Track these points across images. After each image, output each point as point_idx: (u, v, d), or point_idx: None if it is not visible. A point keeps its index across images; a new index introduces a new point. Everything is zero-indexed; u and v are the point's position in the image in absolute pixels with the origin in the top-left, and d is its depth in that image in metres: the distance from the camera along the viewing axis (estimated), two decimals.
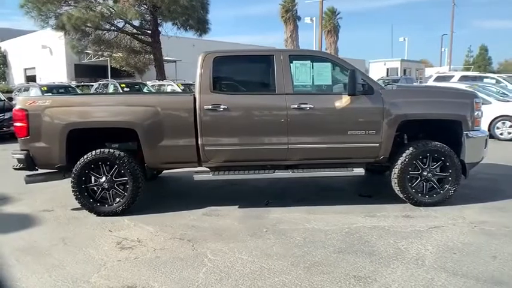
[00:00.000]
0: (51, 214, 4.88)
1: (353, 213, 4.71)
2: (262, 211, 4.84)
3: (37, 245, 3.94)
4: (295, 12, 54.72)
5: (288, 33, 54.82)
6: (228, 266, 3.41)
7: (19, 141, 4.77)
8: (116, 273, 3.33)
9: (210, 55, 4.79)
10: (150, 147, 4.67)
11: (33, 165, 4.78)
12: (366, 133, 4.71)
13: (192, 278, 3.21)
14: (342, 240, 3.93)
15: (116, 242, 3.98)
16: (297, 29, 55.06)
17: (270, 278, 3.19)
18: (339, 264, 3.42)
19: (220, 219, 4.62)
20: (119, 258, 3.60)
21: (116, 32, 21.95)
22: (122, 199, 4.74)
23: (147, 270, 3.37)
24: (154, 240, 4.03)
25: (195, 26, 22.37)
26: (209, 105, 4.64)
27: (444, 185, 4.83)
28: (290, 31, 54.67)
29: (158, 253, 3.71)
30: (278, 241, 3.93)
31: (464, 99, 4.89)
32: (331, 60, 4.86)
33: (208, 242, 3.94)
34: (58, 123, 4.61)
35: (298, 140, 4.71)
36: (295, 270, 3.32)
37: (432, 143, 4.77)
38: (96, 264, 3.49)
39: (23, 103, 4.69)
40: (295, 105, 4.65)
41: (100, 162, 4.68)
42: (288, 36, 55.00)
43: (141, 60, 24.49)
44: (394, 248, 3.71)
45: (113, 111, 4.69)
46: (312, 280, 3.15)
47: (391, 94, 4.79)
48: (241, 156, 4.78)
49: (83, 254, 3.72)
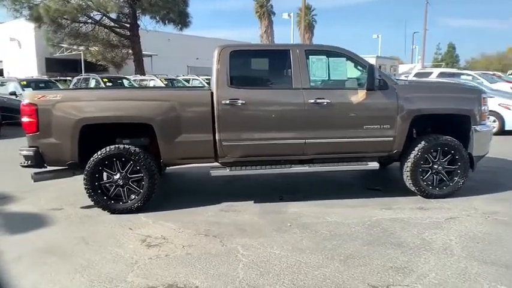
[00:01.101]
0: (61, 213, 4.69)
1: (368, 206, 4.80)
2: (279, 206, 4.86)
3: (57, 245, 3.78)
4: (270, 8, 54.89)
5: (263, 28, 54.93)
6: (263, 261, 3.40)
7: (27, 137, 4.55)
8: (151, 272, 3.25)
9: (226, 49, 4.73)
10: (167, 143, 4.58)
11: (42, 162, 4.58)
12: (380, 127, 4.81)
13: (231, 274, 3.19)
14: (367, 232, 4.00)
15: (141, 240, 3.89)
16: (271, 24, 55.24)
17: (309, 272, 3.21)
18: (372, 256, 3.48)
19: (239, 214, 4.59)
20: (149, 256, 3.52)
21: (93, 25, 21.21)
22: (137, 196, 4.62)
23: (182, 268, 3.31)
24: (179, 237, 3.97)
25: (176, 20, 21.97)
26: (227, 100, 4.59)
27: (453, 177, 5.00)
28: (265, 26, 54.80)
29: (188, 250, 3.65)
30: (305, 235, 3.95)
31: (472, 94, 5.07)
32: (346, 55, 4.91)
33: (236, 238, 3.91)
34: (70, 118, 4.43)
35: (315, 134, 4.74)
36: (332, 263, 3.36)
37: (443, 137, 4.92)
38: (128, 263, 3.40)
39: (31, 98, 4.48)
40: (313, 100, 4.68)
41: (114, 159, 4.55)
42: (263, 32, 55.12)
43: (119, 55, 23.84)
44: (419, 239, 3.82)
45: (129, 106, 4.55)
46: (351, 272, 3.19)
47: (405, 89, 4.90)
48: (259, 152, 4.76)
49: (109, 253, 3.61)
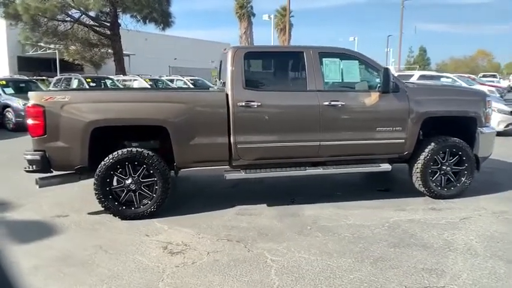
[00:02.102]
0: (68, 220, 4.48)
1: (381, 208, 4.84)
2: (294, 209, 4.81)
3: (74, 254, 3.60)
4: (249, 9, 54.77)
5: (243, 29, 54.76)
6: (294, 266, 3.35)
7: (33, 140, 4.32)
8: (182, 281, 3.14)
9: (240, 50, 4.66)
10: (182, 146, 4.45)
11: (49, 167, 4.36)
12: (392, 130, 4.85)
13: (266, 281, 3.12)
14: (389, 234, 4.02)
15: (162, 247, 3.75)
16: (251, 25, 55.08)
17: (344, 276, 3.18)
18: (401, 258, 3.50)
19: (255, 218, 4.52)
20: (176, 264, 3.40)
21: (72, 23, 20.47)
22: (150, 201, 4.47)
23: (213, 275, 3.21)
24: (201, 243, 3.86)
25: (159, 19, 21.56)
26: (242, 102, 4.51)
27: (460, 178, 5.11)
28: (245, 28, 54.64)
29: (214, 256, 3.55)
30: (328, 238, 3.93)
31: (478, 97, 5.21)
32: (358, 58, 4.93)
33: (259, 243, 3.84)
34: (81, 120, 4.24)
35: (329, 137, 4.73)
36: (363, 266, 3.34)
37: (451, 138, 5.02)
38: (155, 272, 3.27)
39: (38, 99, 4.25)
40: (327, 102, 4.67)
41: (127, 163, 4.38)
42: (242, 33, 54.94)
43: (97, 54, 23.16)
44: (441, 240, 3.87)
45: (143, 108, 4.40)
46: (386, 275, 3.19)
47: (415, 92, 4.97)
48: (273, 154, 4.71)
49: (132, 261, 3.46)
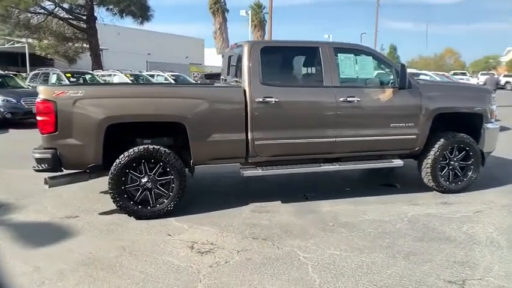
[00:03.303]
0: (80, 221, 4.27)
1: (394, 202, 4.90)
2: (310, 205, 4.80)
3: (98, 257, 3.43)
4: (223, 4, 54.29)
5: (217, 25, 54.23)
6: (329, 263, 3.33)
7: (43, 138, 4.08)
8: (221, 281, 3.05)
9: (256, 45, 4.59)
10: (199, 143, 4.34)
11: (60, 165, 4.13)
12: (405, 126, 4.92)
13: (306, 279, 3.08)
14: (411, 228, 4.08)
15: (188, 247, 3.64)
16: (225, 21, 54.63)
17: (382, 271, 3.20)
18: (430, 251, 3.55)
19: (274, 215, 4.47)
20: (209, 264, 3.30)
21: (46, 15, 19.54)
22: (166, 199, 4.33)
23: (251, 275, 3.15)
24: (227, 241, 3.77)
25: (137, 13, 20.96)
26: (260, 98, 4.44)
27: (467, 172, 5.26)
28: (219, 23, 54.12)
29: (245, 255, 3.48)
30: (354, 234, 3.94)
31: (484, 93, 5.37)
32: (372, 54, 4.97)
33: (286, 240, 3.80)
34: (95, 116, 4.04)
35: (345, 133, 4.74)
36: (397, 261, 3.37)
37: (459, 134, 5.16)
38: (190, 273, 3.17)
39: (48, 94, 4.01)
40: (343, 98, 4.67)
41: (143, 160, 4.22)
42: (216, 29, 54.41)
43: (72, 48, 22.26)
44: (462, 233, 3.96)
45: (160, 104, 4.24)
46: (421, 269, 3.23)
47: (427, 88, 5.06)
48: (290, 151, 4.67)
49: (162, 262, 3.34)
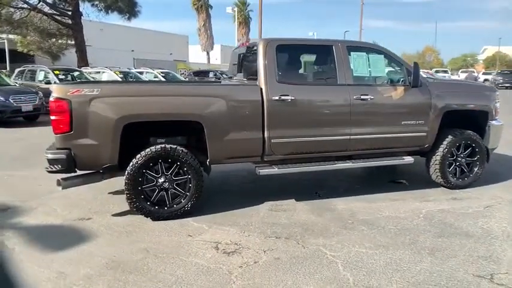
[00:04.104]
0: (94, 223, 4.15)
1: (405, 199, 4.96)
2: (324, 203, 4.81)
3: (123, 260, 3.34)
4: (207, 1, 53.80)
5: (201, 22, 53.85)
6: (358, 261, 3.35)
7: (56, 138, 3.95)
8: (254, 281, 3.02)
9: (272, 43, 4.54)
10: (216, 142, 4.28)
11: (74, 166, 4.01)
12: (416, 123, 4.98)
13: (339, 277, 3.09)
14: (429, 224, 4.13)
15: (212, 248, 3.59)
16: (210, 18, 54.34)
17: (411, 268, 3.23)
18: (453, 247, 3.61)
19: (292, 214, 4.46)
20: (238, 265, 3.27)
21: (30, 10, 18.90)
22: (183, 199, 4.26)
23: (284, 274, 3.13)
24: (251, 241, 3.74)
25: (125, 9, 20.53)
26: (276, 96, 4.42)
27: (473, 168, 5.37)
28: (203, 20, 53.74)
29: (272, 254, 3.46)
30: (375, 231, 3.97)
31: (490, 91, 5.49)
32: (384, 53, 5.00)
33: (309, 238, 3.80)
34: (112, 115, 3.93)
35: (359, 130, 4.77)
36: (424, 257, 3.41)
37: (466, 131, 5.26)
38: (221, 274, 3.12)
39: (63, 92, 3.88)
40: (357, 96, 4.70)
41: (160, 160, 4.14)
42: (201, 25, 54.04)
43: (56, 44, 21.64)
44: (479, 228, 4.04)
45: (179, 103, 4.16)
46: (449, 265, 3.28)
47: (436, 86, 5.14)
48: (306, 149, 4.67)
49: (190, 264, 3.28)
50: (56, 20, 20.06)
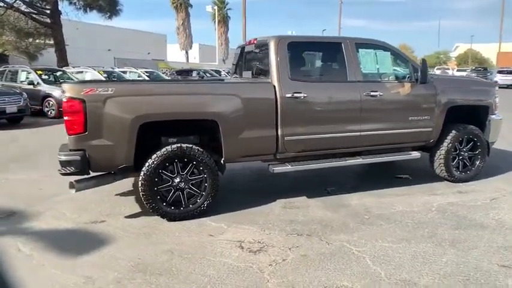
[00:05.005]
0: (108, 226, 4.04)
1: (414, 193, 5.05)
2: (336, 199, 4.84)
3: (149, 263, 3.26)
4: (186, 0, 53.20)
5: (180, 20, 53.30)
6: (384, 255, 3.39)
7: (70, 139, 3.82)
8: (288, 279, 3.01)
9: (283, 40, 4.53)
10: (231, 140, 4.24)
11: (88, 168, 3.89)
12: (422, 118, 5.09)
13: (370, 272, 3.11)
14: (443, 217, 4.23)
15: (237, 247, 3.56)
16: (189, 17, 53.83)
17: (437, 260, 3.29)
18: (472, 238, 3.70)
19: (307, 210, 4.47)
20: (268, 263, 3.25)
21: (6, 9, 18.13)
22: (199, 199, 4.20)
23: (315, 271, 3.13)
24: (273, 239, 3.72)
25: (106, 7, 20.01)
26: (289, 94, 4.41)
27: (475, 162, 5.53)
28: (182, 19, 53.20)
29: (299, 251, 3.45)
30: (393, 226, 4.02)
31: (490, 87, 5.66)
32: (391, 50, 5.07)
33: (331, 235, 3.82)
34: (127, 115, 3.83)
35: (369, 126, 4.83)
36: (446, 249, 3.48)
37: (469, 126, 5.40)
38: (253, 273, 3.10)
39: (77, 91, 3.75)
40: (367, 93, 4.75)
41: (176, 160, 4.07)
42: (179, 24, 53.48)
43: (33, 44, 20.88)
44: (491, 220, 4.16)
45: (194, 101, 4.10)
46: (472, 256, 3.36)
47: (440, 82, 5.25)
48: (318, 146, 4.68)
49: (219, 264, 3.24)
50: (34, 19, 19.37)
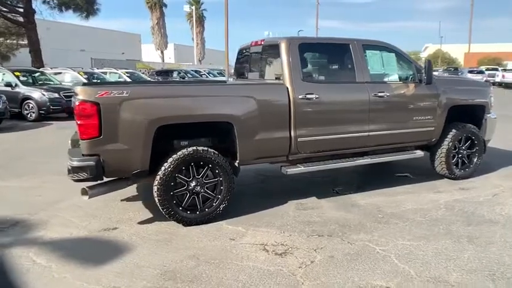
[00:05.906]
0: (123, 233, 3.92)
1: (419, 192, 5.16)
2: (346, 199, 4.89)
3: (176, 270, 3.18)
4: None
5: (155, 20, 52.48)
6: (408, 253, 3.44)
7: (83, 143, 3.67)
8: (322, 281, 3.01)
9: (294, 41, 4.53)
10: (246, 142, 4.20)
11: (102, 173, 3.75)
12: (426, 118, 5.21)
13: (400, 271, 3.15)
14: (453, 214, 4.34)
15: (262, 250, 3.53)
16: (163, 16, 53.11)
17: (460, 256, 3.37)
18: (486, 234, 3.82)
19: (321, 211, 4.48)
20: (298, 266, 3.23)
21: None
22: (214, 203, 4.14)
23: (345, 271, 3.14)
24: (296, 241, 3.71)
25: (83, 7, 19.38)
26: (302, 95, 4.42)
27: (472, 159, 5.72)
28: (157, 18, 52.40)
29: (325, 253, 3.46)
30: (409, 224, 4.10)
31: (486, 87, 5.87)
32: (395, 51, 5.16)
33: (351, 235, 3.85)
34: (144, 118, 3.72)
35: (377, 127, 4.90)
36: (466, 245, 3.58)
37: (468, 125, 5.58)
38: (286, 276, 3.07)
39: (90, 94, 3.60)
40: (375, 93, 4.82)
41: (192, 163, 3.99)
42: (154, 24, 52.65)
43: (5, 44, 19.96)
44: (499, 215, 4.31)
45: (211, 103, 4.02)
46: (491, 251, 3.47)
47: (442, 82, 5.40)
48: (329, 147, 4.71)
49: (248, 268, 3.19)
50: (6, 18, 18.54)
